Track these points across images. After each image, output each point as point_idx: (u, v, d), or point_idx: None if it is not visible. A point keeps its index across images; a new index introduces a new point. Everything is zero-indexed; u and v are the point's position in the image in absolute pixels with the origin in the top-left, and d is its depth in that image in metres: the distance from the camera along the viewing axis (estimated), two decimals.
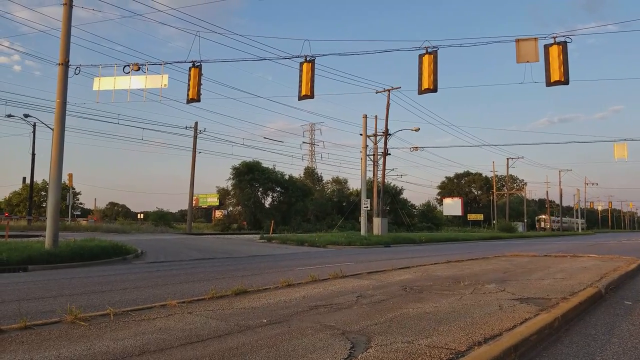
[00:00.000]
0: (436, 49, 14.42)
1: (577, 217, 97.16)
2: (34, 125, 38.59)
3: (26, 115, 36.10)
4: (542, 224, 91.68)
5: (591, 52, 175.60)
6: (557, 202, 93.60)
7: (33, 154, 39.87)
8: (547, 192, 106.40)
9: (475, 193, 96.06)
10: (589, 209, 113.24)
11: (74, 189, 51.94)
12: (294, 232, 42.35)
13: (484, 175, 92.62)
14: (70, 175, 45.04)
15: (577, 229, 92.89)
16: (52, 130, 16.13)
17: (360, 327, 5.46)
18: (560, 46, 13.25)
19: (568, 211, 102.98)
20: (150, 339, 4.78)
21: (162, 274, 11.98)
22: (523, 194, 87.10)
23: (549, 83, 13.44)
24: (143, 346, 4.52)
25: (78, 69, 16.33)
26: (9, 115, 34.32)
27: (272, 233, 34.70)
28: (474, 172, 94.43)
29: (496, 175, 79.01)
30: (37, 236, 22.08)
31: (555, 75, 13.26)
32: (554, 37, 13.39)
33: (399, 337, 4.96)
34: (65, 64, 15.70)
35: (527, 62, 13.64)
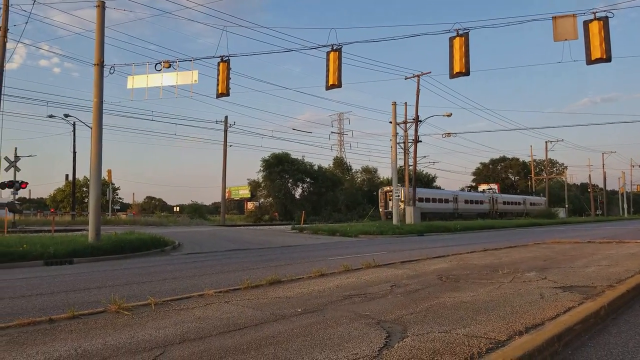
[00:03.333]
0: (467, 31, 14.05)
1: (621, 202, 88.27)
2: (74, 125, 39.93)
3: (66, 115, 37.40)
4: (385, 204, 50.96)
5: (635, 27, 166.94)
6: (601, 185, 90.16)
7: (74, 152, 41.34)
8: (589, 175, 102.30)
9: (513, 179, 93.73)
10: (635, 192, 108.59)
11: (113, 184, 53.61)
12: (325, 222, 42.45)
13: (521, 160, 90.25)
14: (110, 172, 46.50)
15: (616, 213, 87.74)
16: (91, 128, 16.63)
17: (395, 316, 5.42)
18: (601, 22, 12.66)
19: (613, 195, 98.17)
20: (190, 328, 4.89)
21: (199, 265, 12.24)
22: (563, 179, 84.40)
23: (590, 61, 12.90)
24: (183, 334, 4.63)
25: (112, 68, 16.75)
26: (51, 116, 35.66)
27: (303, 223, 34.88)
28: (510, 157, 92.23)
29: (534, 160, 76.88)
30: (80, 230, 22.94)
31: (597, 53, 12.70)
32: (594, 13, 12.81)
33: (436, 327, 4.89)
34: (101, 64, 16.11)
35: (565, 40, 13.11)
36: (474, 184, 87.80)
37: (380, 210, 53.27)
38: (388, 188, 51.93)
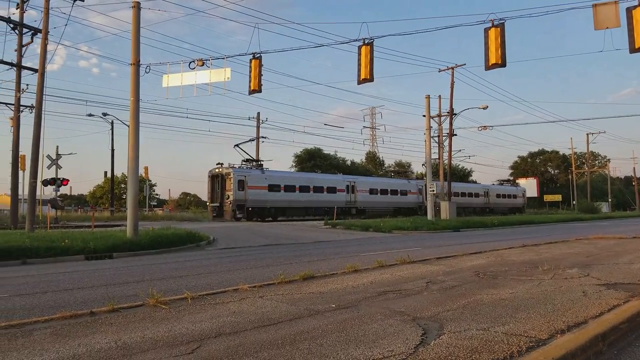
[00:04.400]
0: (503, 21, 13.67)
1: None
2: (112, 123, 41.10)
3: (104, 114, 38.49)
4: (213, 195, 35.58)
5: None
6: None
7: (112, 150, 42.62)
8: (634, 168, 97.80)
9: (552, 172, 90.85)
10: None
11: (150, 181, 55.03)
12: (358, 217, 42.30)
13: (561, 153, 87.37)
14: (146, 169, 47.67)
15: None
16: (128, 126, 17.06)
17: (431, 313, 5.34)
18: None
19: None
20: (225, 322, 4.96)
21: (233, 260, 12.40)
22: (606, 172, 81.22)
23: (634, 49, 12.31)
24: (219, 328, 4.69)
25: (148, 67, 17.12)
26: (90, 115, 36.85)
27: (336, 219, 34.86)
28: (549, 150, 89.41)
29: (575, 153, 74.26)
30: (119, 226, 23.64)
31: None
32: None
33: (473, 324, 4.79)
34: (137, 64, 16.48)
35: (607, 28, 12.56)
36: (511, 178, 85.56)
37: (208, 204, 36.74)
38: (218, 170, 34.60)
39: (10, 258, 11.78)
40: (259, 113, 44.80)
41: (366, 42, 15.19)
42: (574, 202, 67.23)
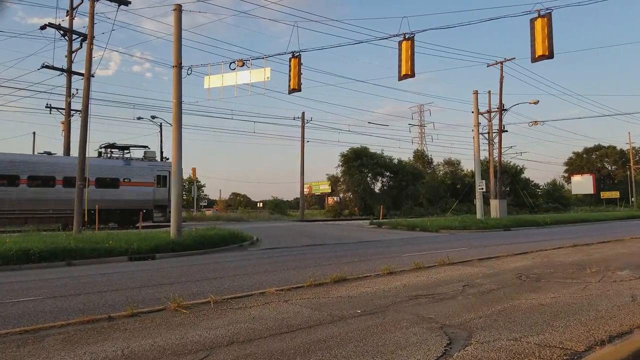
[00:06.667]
0: (550, 11, 12.91)
1: None
2: (160, 126, 42.34)
3: (153, 117, 39.66)
4: None
5: None
6: None
7: (161, 152, 43.94)
8: None
9: (609, 168, 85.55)
10: None
11: (198, 181, 56.40)
12: (405, 216, 41.55)
13: (618, 148, 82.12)
14: (194, 170, 48.89)
15: None
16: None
17: (461, 320, 5.03)
18: None
19: None
20: (241, 329, 4.84)
21: (273, 261, 12.35)
22: None
23: None
24: (233, 336, 4.57)
25: (190, 69, 17.41)
26: (139, 118, 38.14)
27: (382, 218, 34.36)
28: (606, 145, 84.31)
29: (633, 147, 69.73)
30: (164, 226, 24.29)
31: None
32: None
33: (505, 333, 4.44)
34: (179, 66, 16.82)
35: None
36: (566, 175, 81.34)
37: None
38: None
39: (55, 259, 12.08)
40: (303, 113, 44.90)
41: (407, 37, 14.78)
42: (633, 199, 63.18)
